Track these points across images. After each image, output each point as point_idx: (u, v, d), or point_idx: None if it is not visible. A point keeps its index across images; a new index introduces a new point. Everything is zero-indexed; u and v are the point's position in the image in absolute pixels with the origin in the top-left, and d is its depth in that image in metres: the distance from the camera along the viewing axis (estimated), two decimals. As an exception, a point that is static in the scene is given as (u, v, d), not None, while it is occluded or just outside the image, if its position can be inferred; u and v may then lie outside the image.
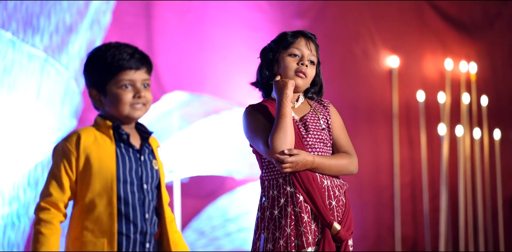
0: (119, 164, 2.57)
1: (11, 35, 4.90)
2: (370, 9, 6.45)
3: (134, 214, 2.56)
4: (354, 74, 6.37)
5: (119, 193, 2.54)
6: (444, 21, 6.76)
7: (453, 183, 6.51)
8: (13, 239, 4.91)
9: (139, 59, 2.59)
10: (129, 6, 5.48)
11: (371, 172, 6.36)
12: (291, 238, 2.93)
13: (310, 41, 3.11)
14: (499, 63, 6.91)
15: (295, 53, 3.07)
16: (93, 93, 2.62)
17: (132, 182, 2.57)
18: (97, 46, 2.65)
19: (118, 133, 2.60)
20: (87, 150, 2.54)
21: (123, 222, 2.54)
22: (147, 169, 2.63)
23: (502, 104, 6.86)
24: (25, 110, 4.92)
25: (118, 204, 2.54)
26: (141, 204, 2.58)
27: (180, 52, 5.63)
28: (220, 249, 5.53)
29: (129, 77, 2.57)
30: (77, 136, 2.56)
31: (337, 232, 2.95)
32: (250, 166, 5.30)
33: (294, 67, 3.05)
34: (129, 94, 2.57)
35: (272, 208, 2.97)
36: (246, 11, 5.92)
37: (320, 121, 3.07)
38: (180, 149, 5.07)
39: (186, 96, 5.30)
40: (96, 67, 2.59)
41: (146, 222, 2.58)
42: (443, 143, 6.41)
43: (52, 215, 2.54)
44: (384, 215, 6.37)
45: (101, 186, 2.53)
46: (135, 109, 2.58)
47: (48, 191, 2.54)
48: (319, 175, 2.99)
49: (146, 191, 2.60)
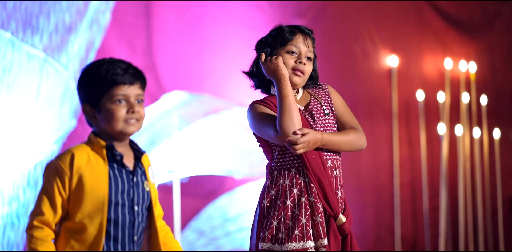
0: (111, 185, 2.56)
1: (11, 35, 4.90)
2: (369, 9, 6.45)
3: (122, 235, 2.57)
4: (354, 73, 6.37)
5: (110, 215, 2.54)
6: (443, 20, 6.76)
7: (452, 183, 6.51)
8: (12, 239, 4.91)
9: (133, 74, 2.59)
10: (129, 6, 5.48)
11: (371, 171, 6.36)
12: (306, 228, 2.92)
13: (307, 37, 3.10)
14: (498, 63, 6.90)
15: (292, 50, 3.06)
16: (87, 109, 2.60)
17: (124, 204, 2.58)
18: (91, 62, 2.64)
19: (111, 154, 2.59)
20: (80, 170, 2.54)
21: (111, 244, 2.55)
22: (139, 190, 2.62)
23: (501, 103, 6.86)
24: (25, 110, 4.92)
25: (108, 226, 2.54)
26: (130, 226, 2.58)
27: (179, 52, 5.63)
28: (220, 249, 5.53)
29: (123, 92, 2.56)
30: (71, 155, 2.55)
31: (342, 224, 2.96)
32: (250, 166, 5.30)
33: (291, 64, 3.05)
34: (123, 109, 2.56)
35: (284, 198, 2.96)
36: (246, 11, 5.92)
37: (323, 107, 3.08)
38: (179, 148, 5.07)
39: (185, 96, 5.30)
40: (90, 83, 2.58)
41: (134, 244, 2.60)
42: (442, 142, 6.41)
43: (46, 233, 2.53)
44: (384, 214, 6.37)
45: (92, 208, 2.53)
46: (128, 125, 2.57)
47: (41, 209, 2.53)
48: (331, 166, 3.00)
49: (137, 212, 2.60)
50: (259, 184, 5.48)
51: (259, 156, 5.10)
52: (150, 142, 4.91)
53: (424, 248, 6.42)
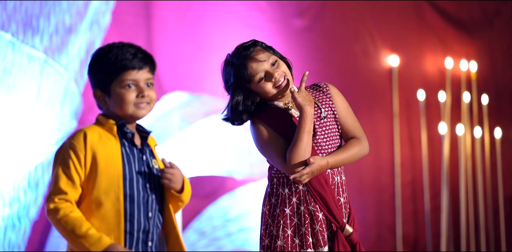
0: (124, 162, 2.57)
1: (11, 36, 4.90)
2: (369, 8, 6.44)
3: (138, 212, 2.56)
4: (354, 73, 6.36)
5: (125, 191, 2.55)
6: (443, 20, 6.75)
7: (454, 182, 6.50)
8: (13, 241, 4.91)
9: (142, 58, 2.60)
10: (129, 6, 5.48)
11: (372, 171, 6.35)
12: (306, 237, 2.92)
13: (255, 55, 3.00)
14: (499, 62, 6.90)
15: (261, 77, 2.98)
16: (97, 94, 2.62)
17: (138, 180, 2.58)
18: (100, 46, 2.65)
19: (122, 132, 2.60)
20: (94, 147, 2.54)
21: (127, 220, 2.55)
22: (150, 167, 2.63)
23: (502, 102, 6.85)
24: (25, 111, 4.92)
25: (124, 202, 2.54)
26: (144, 202, 2.58)
27: (179, 52, 5.62)
28: (221, 250, 5.53)
29: (132, 77, 2.58)
30: (83, 133, 2.56)
31: (349, 234, 2.95)
32: (251, 166, 5.30)
33: (271, 86, 2.99)
34: (133, 94, 2.58)
35: (283, 206, 2.96)
36: (246, 11, 5.92)
37: (320, 110, 3.03)
38: (180, 149, 5.07)
39: (186, 97, 5.30)
40: (100, 68, 2.59)
41: (149, 221, 2.58)
42: (443, 141, 6.41)
43: (71, 207, 2.49)
44: (385, 214, 6.36)
45: (108, 184, 2.53)
46: (139, 109, 2.59)
47: (60, 188, 2.50)
48: (330, 172, 2.99)
49: (150, 189, 2.60)
50: (260, 184, 5.48)
51: (260, 156, 5.08)
52: (150, 143, 4.91)
53: (425, 248, 6.41)
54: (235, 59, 3.01)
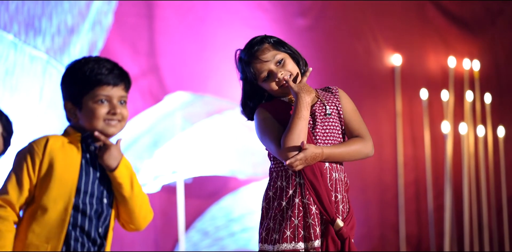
0: (82, 174, 2.56)
1: (13, 37, 4.90)
2: (372, 8, 6.44)
3: (89, 226, 2.55)
4: (357, 72, 6.36)
5: (78, 203, 2.54)
6: (446, 19, 6.74)
7: (457, 181, 6.50)
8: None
9: (118, 75, 2.58)
10: (131, 7, 5.47)
11: (375, 170, 6.35)
12: (298, 230, 2.91)
13: (260, 54, 3.02)
14: (502, 60, 6.89)
15: (265, 76, 3.00)
16: (68, 106, 2.61)
17: (93, 194, 2.56)
18: (76, 59, 2.62)
19: (86, 144, 2.59)
20: (53, 154, 2.54)
21: (77, 231, 2.54)
22: (110, 183, 2.62)
23: (505, 101, 6.85)
24: (28, 112, 4.92)
25: (75, 214, 2.53)
26: (96, 217, 2.57)
27: (182, 52, 5.62)
28: (224, 249, 5.53)
29: (106, 93, 2.56)
30: (46, 139, 2.56)
31: (339, 229, 2.93)
32: (253, 166, 5.30)
33: (275, 85, 3.00)
34: (104, 109, 2.56)
35: (280, 199, 2.95)
36: (248, 11, 5.91)
37: (325, 107, 3.03)
38: (183, 149, 5.06)
39: (188, 97, 5.30)
40: (74, 80, 2.57)
41: (100, 235, 2.59)
42: (447, 141, 6.40)
43: (8, 213, 2.50)
44: (388, 213, 6.36)
45: (59, 193, 2.52)
46: (109, 126, 2.57)
47: (6, 189, 2.51)
48: (328, 167, 2.97)
49: (105, 205, 2.59)
50: (263, 184, 5.47)
51: (263, 156, 5.09)
52: (153, 143, 4.91)
53: (429, 248, 6.41)
54: (243, 56, 3.07)
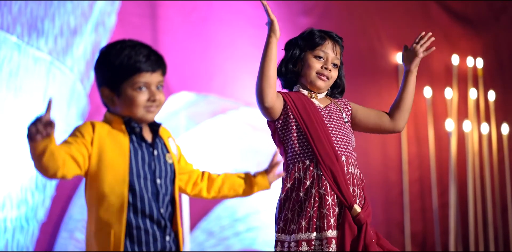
0: (131, 157, 2.51)
1: (16, 38, 4.90)
2: (375, 6, 6.43)
3: (150, 208, 2.50)
4: (361, 71, 6.35)
5: (133, 187, 2.49)
6: (449, 16, 6.73)
7: (461, 179, 6.49)
8: (22, 242, 4.92)
9: (155, 61, 2.55)
10: (134, 7, 5.47)
11: (380, 168, 6.35)
12: (313, 220, 2.96)
13: (336, 44, 3.21)
14: (505, 58, 6.89)
15: (320, 56, 3.16)
16: (105, 92, 2.54)
17: (146, 177, 2.52)
18: (110, 43, 2.56)
19: (130, 127, 2.54)
20: (102, 139, 2.48)
21: (139, 216, 2.49)
22: (161, 163, 2.57)
23: (509, 98, 6.84)
24: (32, 113, 4.93)
25: (133, 199, 2.48)
26: (155, 199, 2.52)
27: (185, 52, 5.62)
28: (229, 249, 5.54)
29: (145, 79, 2.52)
30: (92, 124, 2.50)
31: (357, 214, 2.99)
32: (258, 165, 5.30)
33: (317, 68, 3.14)
34: (144, 97, 2.52)
35: (298, 190, 3.01)
36: (251, 10, 5.91)
37: (343, 115, 3.16)
38: (187, 149, 5.07)
39: (192, 97, 5.30)
40: (111, 67, 2.51)
41: (163, 216, 2.53)
42: (451, 138, 6.40)
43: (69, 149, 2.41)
44: (393, 212, 6.36)
45: (113, 178, 2.47)
46: (148, 112, 2.54)
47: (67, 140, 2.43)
48: (345, 161, 3.06)
49: (160, 185, 2.55)
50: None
51: (267, 155, 5.09)
52: (157, 143, 4.91)
53: (434, 246, 6.41)
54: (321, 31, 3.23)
